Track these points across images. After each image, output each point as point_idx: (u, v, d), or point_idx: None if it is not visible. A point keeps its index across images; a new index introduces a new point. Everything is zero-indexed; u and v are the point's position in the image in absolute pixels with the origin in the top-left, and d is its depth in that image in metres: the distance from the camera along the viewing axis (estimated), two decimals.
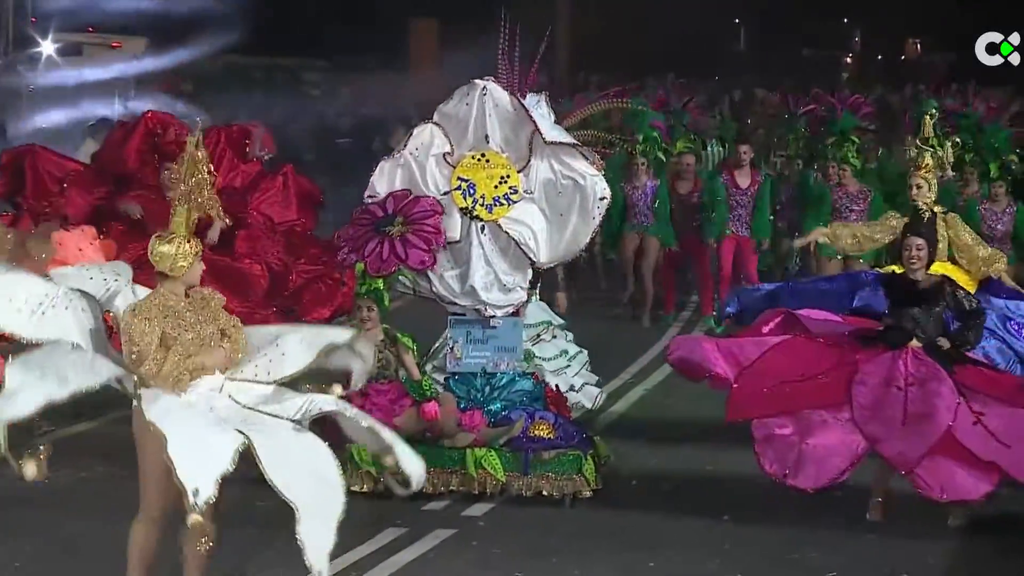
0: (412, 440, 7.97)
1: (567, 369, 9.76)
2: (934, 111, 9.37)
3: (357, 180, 8.82)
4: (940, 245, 8.58)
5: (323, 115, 21.33)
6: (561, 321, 10.10)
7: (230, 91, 20.52)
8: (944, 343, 7.68)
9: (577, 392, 9.60)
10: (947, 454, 7.40)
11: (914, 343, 7.68)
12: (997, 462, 7.34)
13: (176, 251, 5.91)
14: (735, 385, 7.75)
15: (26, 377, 5.36)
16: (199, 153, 6.07)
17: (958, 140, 9.14)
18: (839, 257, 12.43)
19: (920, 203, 8.67)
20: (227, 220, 8.26)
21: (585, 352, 10.02)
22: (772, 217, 13.44)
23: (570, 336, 10.05)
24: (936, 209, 8.54)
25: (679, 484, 8.45)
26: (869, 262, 12.61)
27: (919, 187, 8.86)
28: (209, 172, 6.09)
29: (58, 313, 5.60)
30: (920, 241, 7.86)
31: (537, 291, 10.05)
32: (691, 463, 8.34)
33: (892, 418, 7.48)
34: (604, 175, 8.38)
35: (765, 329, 8.08)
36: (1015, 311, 8.37)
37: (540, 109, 8.44)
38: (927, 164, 8.83)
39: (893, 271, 8.24)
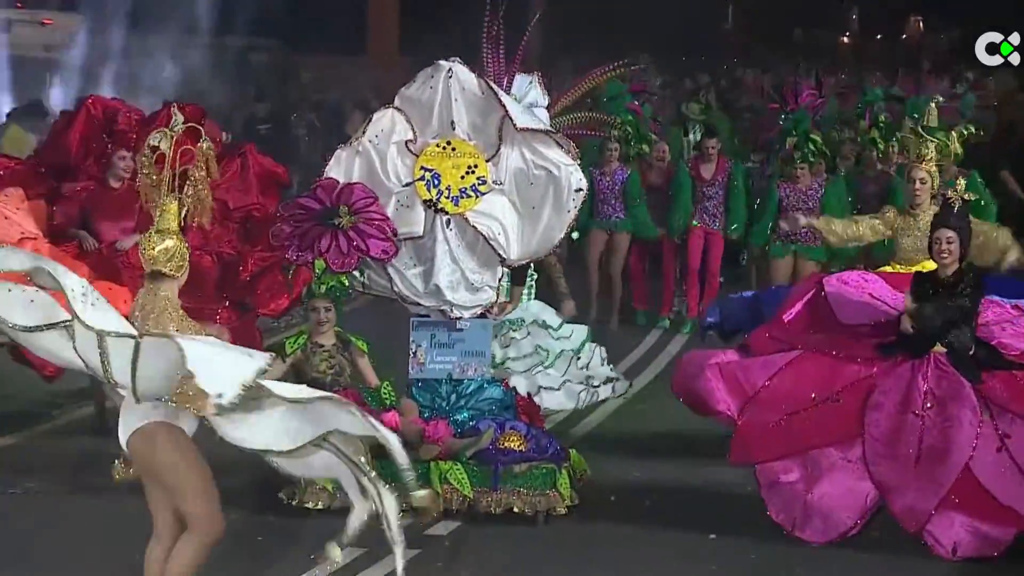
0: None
1: (541, 368, 9.73)
2: (939, 98, 9.38)
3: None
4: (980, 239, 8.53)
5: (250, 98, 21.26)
6: (559, 319, 10.09)
7: (172, 72, 20.43)
8: (969, 345, 7.59)
9: (557, 390, 9.56)
10: (962, 502, 7.36)
11: (938, 349, 7.63)
12: (1015, 508, 7.30)
13: (176, 249, 5.88)
14: (739, 422, 7.73)
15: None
16: (204, 145, 6.01)
17: (967, 128, 9.14)
18: (788, 257, 12.74)
19: (926, 198, 8.68)
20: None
21: (590, 348, 10.00)
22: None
23: (569, 333, 10.02)
24: (967, 197, 8.48)
25: (661, 499, 8.44)
26: (820, 263, 12.85)
27: (923, 181, 8.84)
28: (210, 170, 6.04)
29: (102, 305, 5.55)
30: (951, 233, 7.79)
31: (533, 286, 10.03)
32: (674, 476, 8.34)
33: (906, 456, 7.46)
34: (580, 164, 8.37)
35: (789, 315, 7.99)
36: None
37: (532, 92, 8.40)
38: (931, 155, 8.83)
39: (918, 271, 8.18)
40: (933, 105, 9.19)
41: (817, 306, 8.03)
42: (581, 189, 8.24)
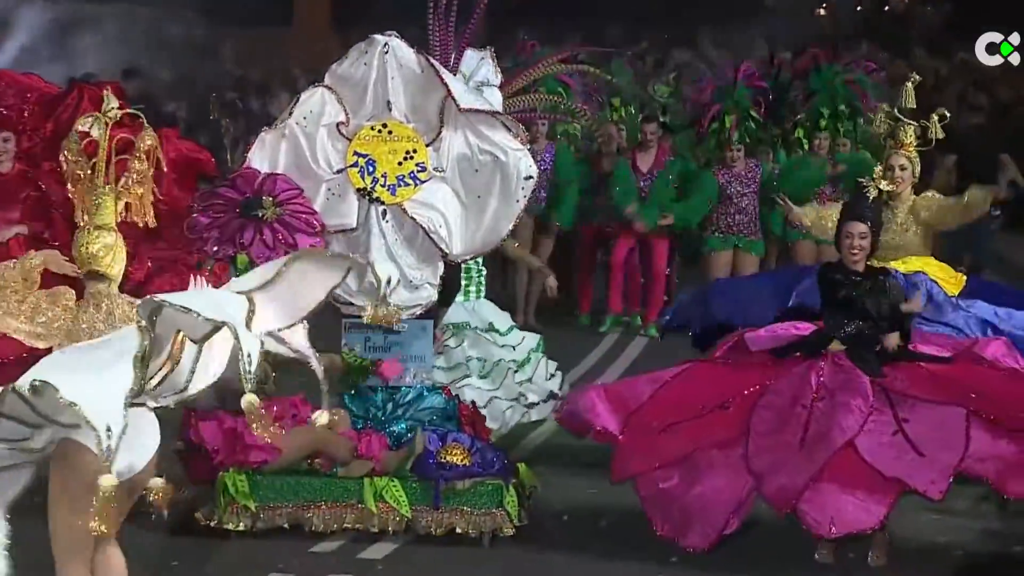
0: (297, 469, 8.08)
1: (468, 379, 9.80)
2: (915, 76, 9.52)
3: None
4: (910, 233, 8.67)
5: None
6: (511, 324, 10.15)
7: (78, 42, 20.33)
8: (891, 342, 7.71)
9: (483, 406, 9.64)
10: (840, 479, 7.42)
11: (835, 346, 7.74)
12: (901, 477, 7.39)
13: (116, 245, 5.98)
14: (620, 438, 7.84)
15: None
16: (148, 138, 6.06)
17: (946, 112, 9.30)
18: (727, 251, 13.14)
19: (906, 187, 8.79)
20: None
21: (536, 360, 10.06)
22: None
23: (518, 340, 10.09)
24: (883, 186, 8.63)
25: (619, 519, 8.50)
26: (760, 258, 13.11)
27: (903, 168, 8.95)
28: (157, 164, 6.10)
29: None
30: (863, 227, 7.86)
31: (483, 283, 10.10)
32: (632, 495, 8.41)
33: (789, 444, 7.53)
34: (530, 149, 8.46)
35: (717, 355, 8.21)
36: (1005, 320, 8.49)
37: (484, 70, 8.48)
38: (910, 140, 8.95)
39: (828, 262, 8.31)
40: (910, 85, 9.31)
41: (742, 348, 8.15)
42: (531, 176, 8.31)
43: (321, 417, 5.92)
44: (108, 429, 5.22)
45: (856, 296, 7.76)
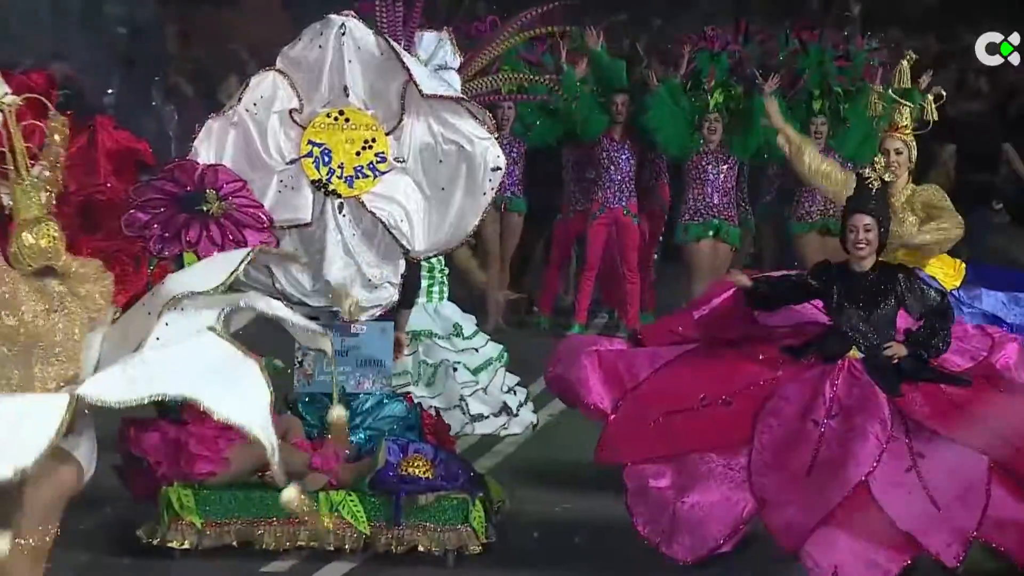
0: (246, 482, 8.07)
1: (407, 389, 9.80)
2: (911, 55, 9.53)
3: None
4: (906, 224, 8.68)
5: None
6: (474, 328, 10.16)
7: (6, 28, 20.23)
8: (897, 351, 7.72)
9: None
10: (850, 522, 7.39)
11: (854, 354, 7.74)
12: (915, 535, 7.35)
13: (57, 237, 6.09)
14: (611, 417, 7.83)
15: None
16: (56, 123, 6.11)
17: (942, 91, 9.31)
18: (706, 240, 13.11)
19: (903, 173, 8.79)
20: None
21: (493, 370, 10.07)
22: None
23: (481, 344, 10.09)
24: (887, 178, 8.63)
25: (593, 535, 8.52)
26: (734, 248, 13.12)
27: (898, 152, 8.98)
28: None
29: None
30: (868, 220, 7.89)
31: (445, 283, 10.10)
32: (607, 509, 8.41)
33: (796, 467, 7.53)
34: (501, 140, 8.47)
35: (702, 311, 8.15)
36: (1012, 308, 8.52)
37: (441, 52, 8.47)
38: (906, 122, 8.97)
39: (827, 260, 8.31)
40: (905, 63, 9.31)
41: (737, 306, 8.11)
42: (499, 168, 8.31)
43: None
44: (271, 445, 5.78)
45: (858, 300, 7.77)
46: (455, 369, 10.27)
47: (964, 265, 9.07)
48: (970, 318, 8.52)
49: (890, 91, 9.19)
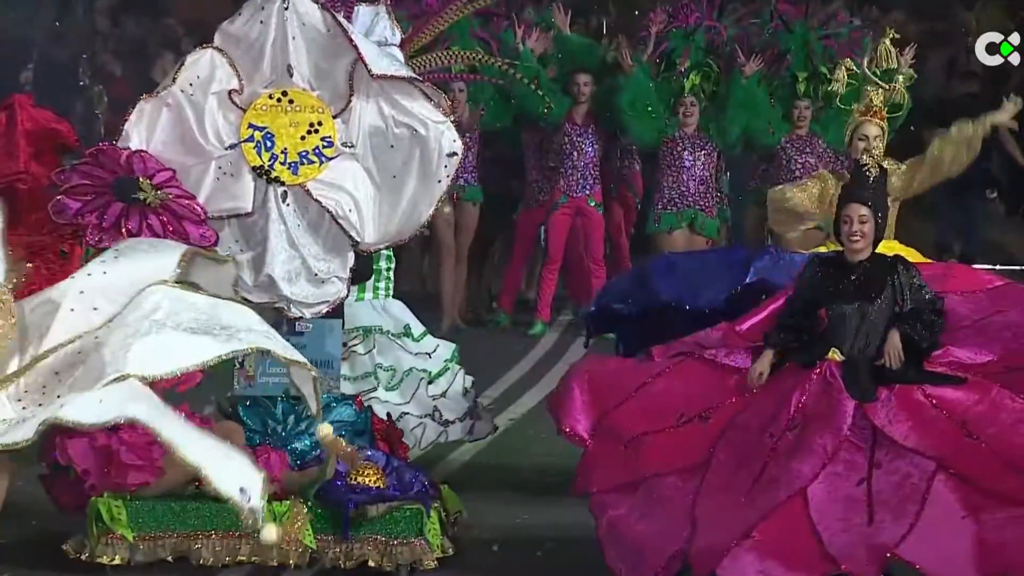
0: (182, 492, 8.06)
1: (374, 392, 9.82)
2: (892, 32, 9.57)
3: None
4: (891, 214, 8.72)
5: None
6: (423, 330, 10.17)
7: None
8: (893, 352, 7.68)
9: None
10: (772, 537, 7.37)
11: (833, 355, 7.76)
12: (837, 558, 7.33)
13: None
14: (588, 443, 7.86)
15: None
16: None
17: (913, 73, 9.36)
18: (682, 230, 13.20)
19: (866, 158, 8.83)
20: None
21: (452, 372, 10.08)
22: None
23: (432, 348, 10.11)
24: (886, 164, 8.66)
25: (556, 548, 8.56)
26: (711, 240, 13.16)
27: (877, 137, 9.01)
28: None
29: None
30: (864, 210, 7.90)
31: (391, 279, 10.10)
32: (571, 519, 8.44)
33: (742, 482, 7.54)
34: (454, 121, 8.48)
35: (745, 324, 8.15)
36: None
37: (380, 27, 8.48)
38: (879, 105, 9.01)
39: (818, 253, 8.32)
40: (887, 41, 9.36)
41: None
42: (455, 153, 8.33)
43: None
44: None
45: (851, 295, 7.80)
46: (426, 376, 10.26)
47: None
48: None
49: (869, 71, 9.21)
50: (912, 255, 8.89)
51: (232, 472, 6.69)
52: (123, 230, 8.12)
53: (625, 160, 14.33)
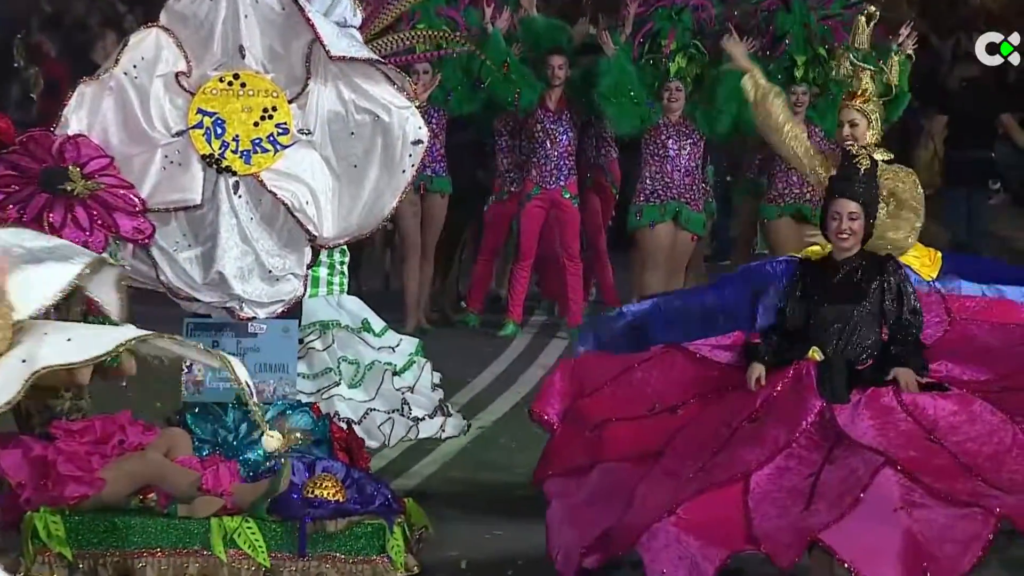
0: (125, 507, 8.05)
1: (336, 388, 9.83)
2: (871, 9, 9.59)
3: None
4: (884, 211, 8.73)
5: None
6: (381, 323, 10.19)
7: None
8: (905, 380, 7.73)
9: (357, 423, 9.65)
10: (697, 514, 7.48)
11: (813, 355, 7.83)
12: (757, 536, 7.43)
13: None
14: (557, 429, 7.94)
15: None
16: None
17: (911, 54, 9.36)
18: (666, 223, 13.18)
19: (857, 149, 8.86)
20: None
21: (419, 366, 10.10)
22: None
23: (395, 343, 10.12)
24: (878, 156, 8.67)
25: (528, 566, 8.58)
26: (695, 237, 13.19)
27: (853, 124, 9.02)
28: None
29: None
30: (853, 206, 7.95)
31: (346, 273, 10.11)
32: (544, 535, 8.46)
33: (688, 468, 7.65)
34: (421, 107, 8.49)
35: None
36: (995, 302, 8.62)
37: (339, 8, 8.47)
38: (865, 89, 9.03)
39: (806, 257, 8.35)
40: (863, 18, 9.37)
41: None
42: (420, 141, 8.33)
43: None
44: None
45: (836, 296, 7.84)
46: (391, 368, 10.26)
47: (940, 255, 9.16)
48: None
49: (850, 53, 9.26)
50: (918, 250, 8.96)
51: (240, 366, 6.97)
52: (45, 223, 8.10)
53: (601, 148, 14.34)
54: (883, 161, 8.85)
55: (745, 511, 7.49)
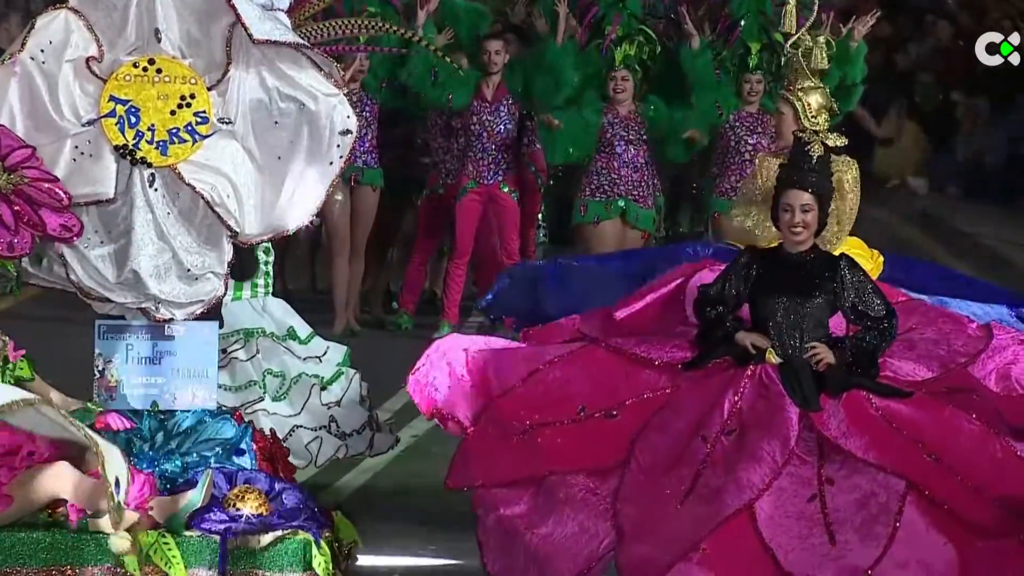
0: (34, 521, 7.99)
1: (261, 403, 9.81)
2: None
3: None
4: (839, 205, 8.71)
5: None
6: (307, 329, 10.16)
7: None
8: (822, 354, 7.75)
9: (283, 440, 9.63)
10: (718, 556, 7.47)
11: (770, 358, 7.83)
12: (794, 573, 7.45)
13: None
14: (469, 430, 7.93)
15: None
16: None
17: (831, 38, 9.40)
18: (614, 220, 13.29)
19: (836, 139, 8.87)
20: None
21: (347, 377, 10.09)
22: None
23: (322, 351, 10.10)
24: (831, 142, 8.65)
25: None
26: (646, 233, 13.22)
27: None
28: None
29: None
30: (806, 197, 7.94)
31: (271, 274, 10.08)
32: (476, 548, 8.47)
33: (672, 493, 7.63)
34: (351, 96, 8.47)
35: (625, 311, 8.25)
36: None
37: None
38: (798, 72, 9.05)
39: (755, 247, 8.35)
40: (792, 2, 9.39)
41: (672, 303, 8.21)
42: (349, 131, 8.30)
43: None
44: None
45: (785, 291, 7.83)
46: (318, 381, 10.24)
47: (882, 257, 9.17)
48: None
49: (780, 35, 9.29)
50: (860, 248, 8.97)
51: (115, 458, 6.91)
52: None
53: (524, 136, 14.29)
54: (836, 146, 8.87)
55: (760, 542, 7.51)
